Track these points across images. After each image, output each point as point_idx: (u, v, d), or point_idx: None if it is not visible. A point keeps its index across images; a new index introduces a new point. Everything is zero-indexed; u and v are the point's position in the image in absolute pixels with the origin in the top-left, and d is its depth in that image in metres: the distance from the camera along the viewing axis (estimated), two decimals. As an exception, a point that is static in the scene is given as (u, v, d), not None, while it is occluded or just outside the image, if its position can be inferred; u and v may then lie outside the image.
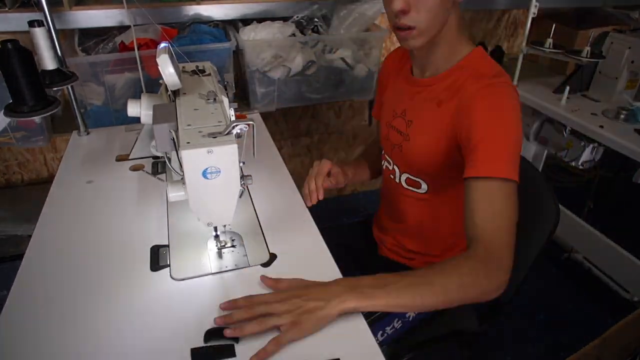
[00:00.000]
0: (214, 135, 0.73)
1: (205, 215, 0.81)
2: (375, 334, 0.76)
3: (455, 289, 0.72)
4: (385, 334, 0.98)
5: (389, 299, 0.71)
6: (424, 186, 0.99)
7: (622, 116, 1.64)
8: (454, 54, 0.90)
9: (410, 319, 1.01)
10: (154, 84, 1.55)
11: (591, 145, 1.67)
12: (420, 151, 0.95)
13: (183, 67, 0.98)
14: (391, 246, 1.12)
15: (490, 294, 0.74)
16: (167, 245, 0.92)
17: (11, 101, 0.95)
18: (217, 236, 0.90)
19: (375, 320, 0.95)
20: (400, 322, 1.01)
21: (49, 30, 1.18)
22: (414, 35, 0.84)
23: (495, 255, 0.74)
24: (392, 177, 1.06)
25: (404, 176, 1.02)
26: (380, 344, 0.74)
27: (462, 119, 0.83)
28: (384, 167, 1.09)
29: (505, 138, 0.79)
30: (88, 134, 1.36)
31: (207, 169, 0.72)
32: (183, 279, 0.84)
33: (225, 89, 0.97)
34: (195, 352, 0.69)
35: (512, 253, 0.75)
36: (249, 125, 0.75)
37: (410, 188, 1.01)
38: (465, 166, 0.81)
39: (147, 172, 1.15)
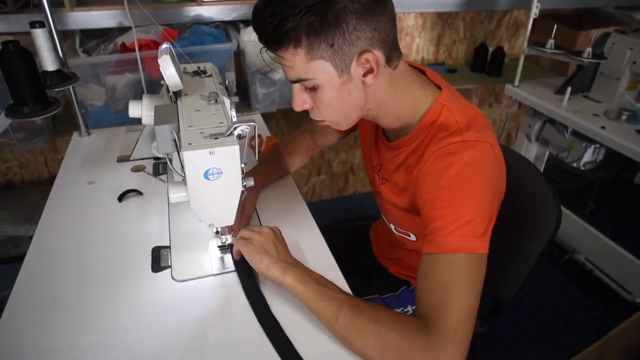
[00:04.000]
0: (215, 136, 0.73)
1: (207, 216, 0.81)
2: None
3: (374, 336, 0.66)
4: None
5: (313, 297, 0.73)
6: (413, 237, 0.93)
7: (623, 117, 1.64)
8: (408, 115, 0.80)
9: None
10: (155, 84, 1.55)
11: (593, 146, 1.67)
12: (395, 212, 0.91)
13: (184, 68, 0.98)
14: (388, 260, 1.12)
15: None
16: (169, 247, 0.92)
17: (12, 102, 0.95)
18: (217, 234, 0.89)
19: None
20: None
21: (50, 32, 1.18)
22: (329, 124, 0.82)
23: (432, 336, 0.64)
24: (385, 222, 1.02)
25: (392, 226, 0.97)
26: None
27: (418, 188, 0.77)
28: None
29: (458, 208, 0.69)
30: (89, 134, 1.36)
31: (208, 170, 0.72)
32: (184, 280, 0.84)
33: (227, 89, 0.97)
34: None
35: (457, 335, 0.64)
36: (250, 126, 0.74)
37: (402, 235, 0.96)
38: None
39: (148, 173, 1.15)
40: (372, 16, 0.68)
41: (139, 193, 1.07)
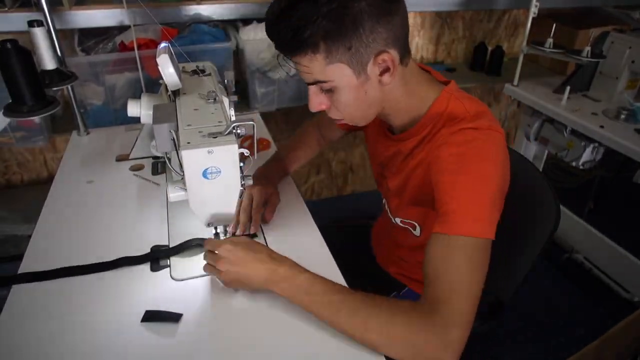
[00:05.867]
0: (214, 135, 0.73)
1: (206, 215, 0.81)
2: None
3: (377, 331, 0.66)
4: None
5: (307, 307, 0.72)
6: (418, 229, 0.94)
7: (622, 116, 1.64)
8: (415, 109, 0.82)
9: None
10: (154, 83, 1.55)
11: (592, 145, 1.67)
12: (402, 202, 0.92)
13: (183, 67, 0.98)
14: (388, 261, 1.12)
15: (432, 355, 0.64)
16: (168, 246, 0.91)
17: (11, 101, 0.95)
18: (217, 236, 0.90)
19: None
20: None
21: (48, 30, 1.18)
22: (347, 123, 0.82)
23: (435, 317, 0.64)
24: (389, 217, 1.02)
25: (398, 219, 0.98)
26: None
27: (430, 171, 0.77)
28: (383, 202, 1.06)
29: (473, 193, 0.70)
30: (88, 134, 1.36)
31: (207, 169, 0.72)
32: (183, 280, 0.84)
33: (226, 88, 0.97)
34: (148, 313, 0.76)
35: (464, 318, 0.65)
36: (249, 125, 0.75)
37: (406, 227, 0.97)
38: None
39: (141, 177, 1.14)
40: (386, 16, 0.69)
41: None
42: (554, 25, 1.78)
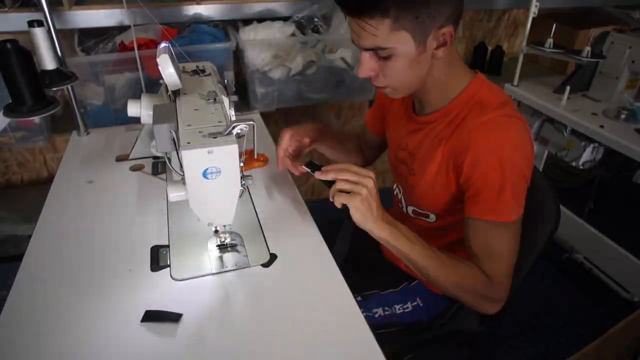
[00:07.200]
0: (214, 135, 0.73)
1: (206, 215, 0.81)
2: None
3: (453, 284, 0.84)
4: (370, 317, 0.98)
5: (406, 251, 0.82)
6: (432, 217, 0.97)
7: (622, 116, 1.64)
8: (451, 89, 0.86)
9: (398, 312, 1.00)
10: (154, 83, 1.55)
11: (592, 145, 1.67)
12: (425, 187, 0.93)
13: (183, 67, 0.98)
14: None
15: (482, 309, 0.86)
16: (168, 246, 0.91)
17: (11, 101, 0.95)
18: (217, 236, 0.90)
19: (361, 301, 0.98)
20: (388, 311, 1.00)
21: (48, 30, 1.18)
22: (390, 92, 0.86)
23: (493, 286, 0.82)
24: (400, 205, 1.04)
25: (410, 208, 1.00)
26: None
27: (462, 156, 0.81)
28: (394, 192, 1.07)
29: (505, 179, 0.77)
30: (88, 134, 1.36)
31: (207, 169, 0.72)
32: (183, 280, 0.84)
33: (226, 88, 0.97)
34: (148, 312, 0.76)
35: (508, 285, 0.83)
36: (249, 125, 0.75)
37: (419, 217, 0.99)
38: (465, 203, 0.83)
39: (146, 173, 1.15)
40: None
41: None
42: (554, 25, 1.78)
